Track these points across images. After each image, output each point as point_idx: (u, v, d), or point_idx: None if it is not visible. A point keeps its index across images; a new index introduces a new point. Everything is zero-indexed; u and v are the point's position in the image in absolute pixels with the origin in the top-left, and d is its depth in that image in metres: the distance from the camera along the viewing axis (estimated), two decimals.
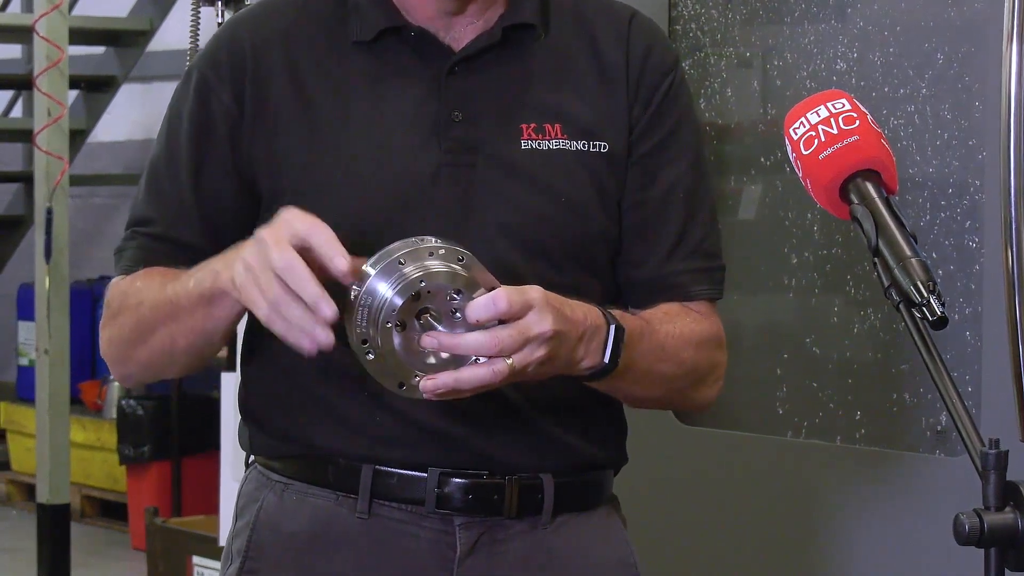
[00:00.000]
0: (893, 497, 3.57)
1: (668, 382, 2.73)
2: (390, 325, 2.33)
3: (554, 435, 2.71)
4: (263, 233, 2.35)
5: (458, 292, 2.34)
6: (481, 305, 2.32)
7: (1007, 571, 2.30)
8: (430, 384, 2.34)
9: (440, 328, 2.35)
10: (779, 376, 3.83)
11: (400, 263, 2.33)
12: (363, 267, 2.33)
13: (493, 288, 2.33)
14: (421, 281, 2.32)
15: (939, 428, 3.47)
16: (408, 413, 2.61)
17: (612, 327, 2.52)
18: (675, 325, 2.69)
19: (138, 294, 2.63)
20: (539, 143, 2.66)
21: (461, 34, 2.70)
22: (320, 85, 2.67)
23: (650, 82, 2.76)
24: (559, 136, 2.68)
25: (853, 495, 3.65)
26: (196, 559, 7.58)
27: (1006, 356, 3.25)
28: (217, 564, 7.45)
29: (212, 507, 7.23)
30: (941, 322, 2.40)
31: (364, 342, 2.33)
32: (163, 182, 2.71)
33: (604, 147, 2.68)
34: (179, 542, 8.00)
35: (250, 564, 2.71)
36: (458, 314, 2.34)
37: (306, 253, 2.31)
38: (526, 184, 2.66)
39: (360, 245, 2.41)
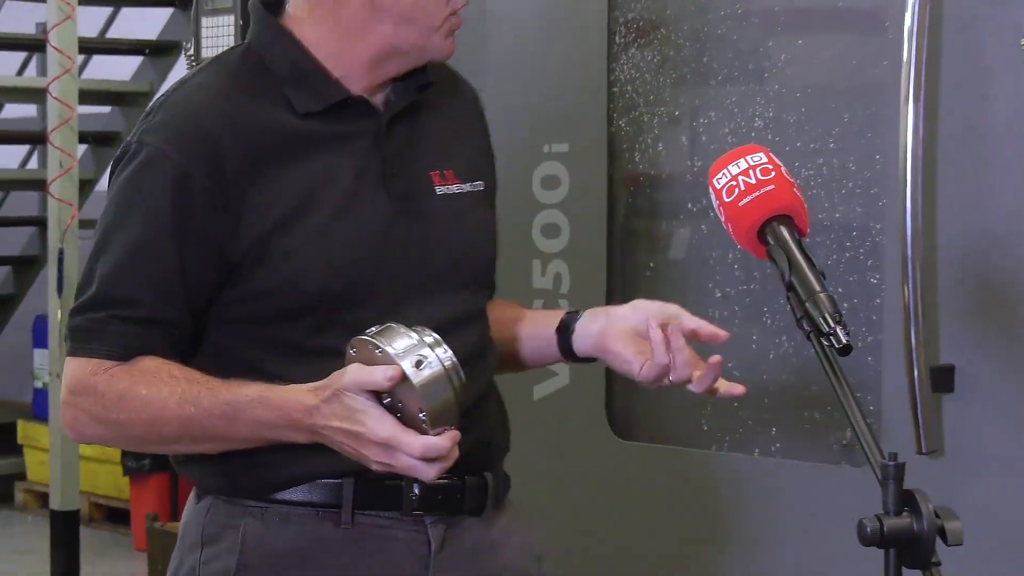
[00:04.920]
0: (804, 504, 3.58)
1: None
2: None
3: (490, 436, 2.74)
4: (363, 407, 2.40)
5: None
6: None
7: (904, 569, 2.32)
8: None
9: None
10: (705, 397, 3.83)
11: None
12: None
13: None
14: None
15: (844, 442, 3.47)
16: None
17: None
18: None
19: (149, 408, 2.53)
20: (447, 188, 2.71)
21: (379, 96, 2.72)
22: (281, 153, 2.62)
23: (484, 125, 2.88)
24: (455, 181, 2.73)
25: (769, 502, 3.65)
26: None
27: (903, 379, 3.26)
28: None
29: None
30: (846, 350, 2.42)
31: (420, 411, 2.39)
32: (147, 265, 2.58)
33: (481, 186, 2.76)
34: (173, 544, 7.98)
35: None
36: None
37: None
38: (449, 227, 2.72)
39: (341, 290, 2.55)
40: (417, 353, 2.38)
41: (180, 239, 2.56)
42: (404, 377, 2.36)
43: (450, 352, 2.40)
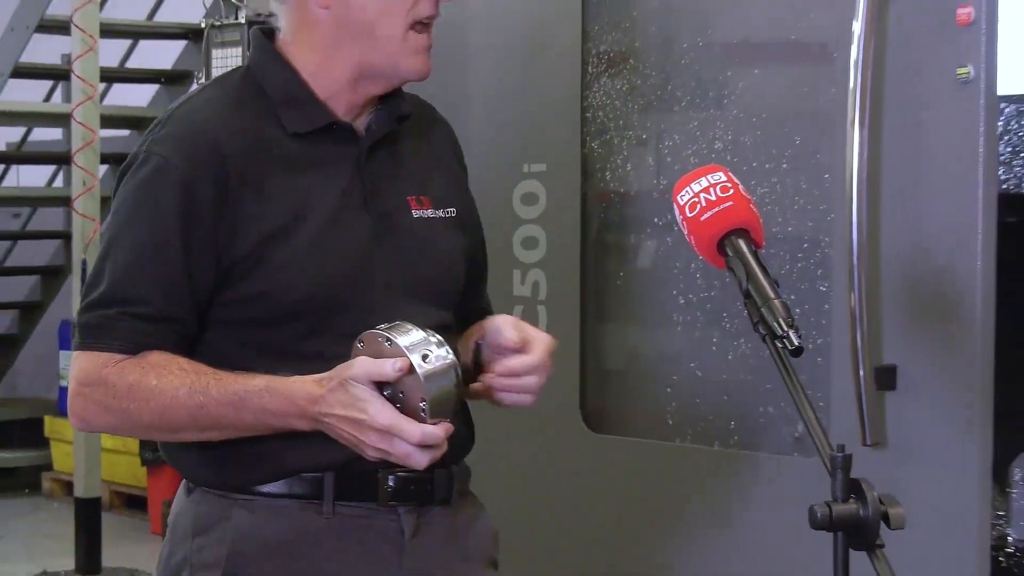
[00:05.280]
0: (760, 490, 3.57)
1: None
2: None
3: (456, 436, 2.66)
4: (366, 396, 2.41)
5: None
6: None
7: (851, 551, 2.31)
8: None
9: None
10: (669, 394, 3.83)
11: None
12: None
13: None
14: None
15: (796, 435, 3.47)
16: None
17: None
18: None
19: (160, 397, 2.51)
20: (422, 212, 2.71)
21: (361, 123, 2.71)
22: (275, 171, 2.61)
23: (460, 157, 2.88)
24: (429, 207, 2.72)
25: (728, 489, 3.64)
26: None
27: (850, 378, 3.26)
28: None
29: None
30: (798, 351, 2.41)
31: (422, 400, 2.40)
32: (154, 265, 2.56)
33: (453, 212, 2.75)
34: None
35: (232, 571, 2.63)
36: None
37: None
38: (424, 248, 2.71)
39: (327, 299, 2.54)
40: (424, 348, 2.39)
41: (186, 242, 2.55)
42: (411, 369, 2.38)
43: (451, 352, 2.42)
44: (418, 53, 2.64)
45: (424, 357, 2.39)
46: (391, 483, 2.63)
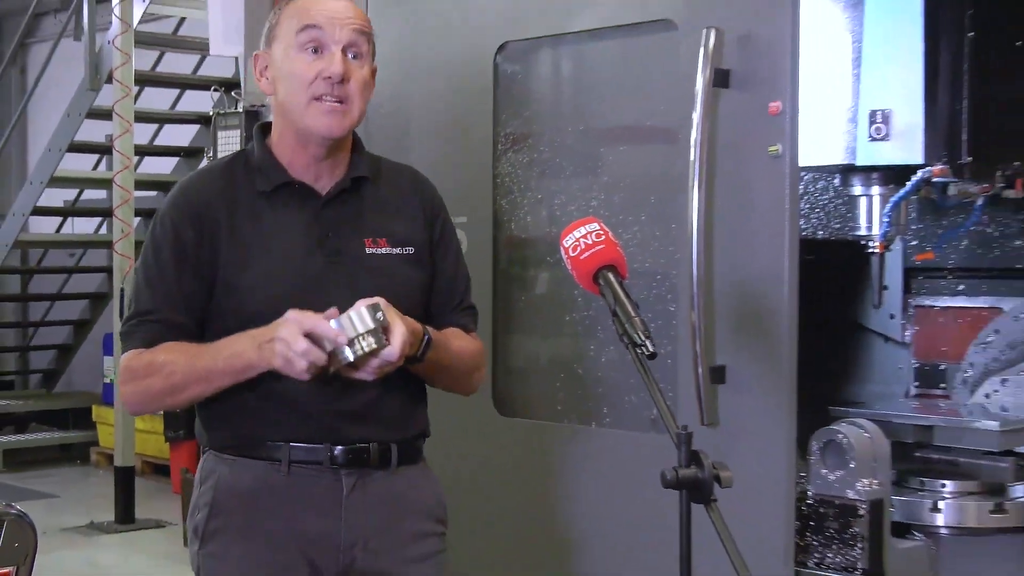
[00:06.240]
0: (626, 459, 3.56)
1: (458, 369, 2.80)
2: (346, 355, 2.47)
3: (396, 420, 2.74)
4: (283, 333, 2.46)
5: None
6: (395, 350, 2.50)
7: (692, 504, 2.30)
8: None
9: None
10: (559, 386, 3.82)
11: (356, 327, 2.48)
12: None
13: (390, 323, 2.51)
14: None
15: (652, 417, 3.46)
16: (312, 413, 2.65)
17: (427, 332, 2.65)
18: (461, 340, 2.80)
19: (168, 365, 2.61)
20: (376, 250, 2.72)
21: (325, 185, 2.72)
22: (245, 220, 2.68)
23: (433, 214, 2.85)
24: (386, 246, 2.72)
25: (603, 459, 3.64)
26: None
27: (691, 375, 3.26)
28: None
29: None
30: (652, 356, 2.42)
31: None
32: (158, 286, 2.66)
33: (411, 251, 2.74)
34: None
35: (215, 511, 2.69)
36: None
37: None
38: (374, 274, 2.69)
39: (279, 314, 2.53)
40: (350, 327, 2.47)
41: (179, 270, 2.65)
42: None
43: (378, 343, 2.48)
44: (322, 116, 2.64)
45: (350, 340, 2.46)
46: (334, 452, 2.66)
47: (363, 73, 2.66)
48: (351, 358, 2.47)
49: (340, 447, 2.65)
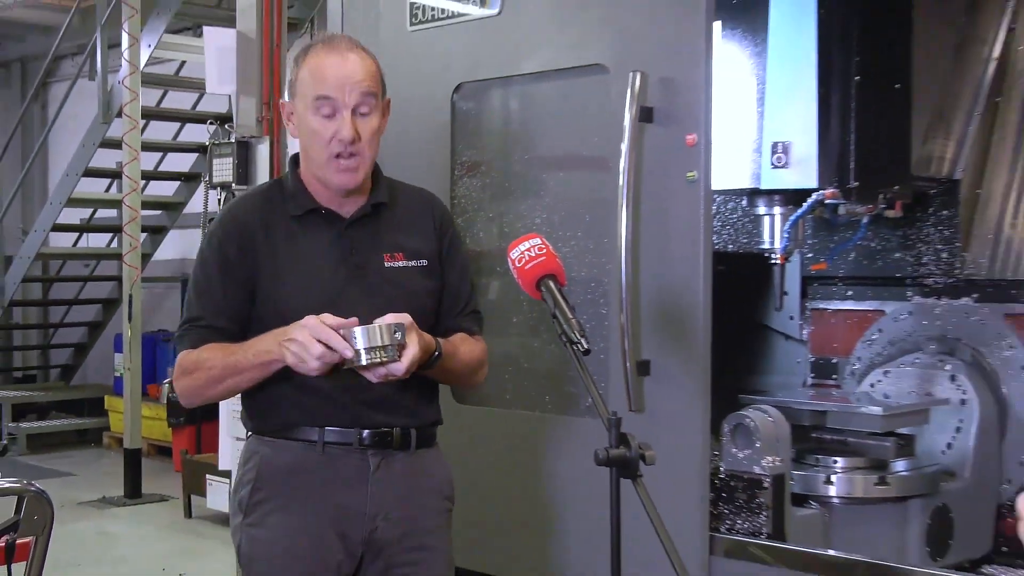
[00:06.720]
0: (566, 441, 3.56)
1: (463, 371, 2.77)
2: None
3: (415, 410, 2.72)
4: (296, 334, 2.45)
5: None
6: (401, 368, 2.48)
7: (621, 480, 2.30)
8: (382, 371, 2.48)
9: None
10: (507, 379, 3.81)
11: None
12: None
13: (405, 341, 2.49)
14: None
15: (588, 404, 3.46)
16: (343, 403, 2.64)
17: (439, 346, 2.63)
18: (467, 345, 2.76)
19: (208, 361, 2.59)
20: (394, 263, 2.69)
21: (349, 210, 2.71)
22: (280, 239, 2.67)
23: (443, 229, 2.81)
24: (402, 259, 2.70)
25: (549, 440, 3.62)
26: (208, 476, 7.42)
27: (620, 368, 3.26)
28: (218, 480, 7.30)
29: (215, 449, 7.05)
30: (587, 352, 2.41)
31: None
32: (205, 296, 2.65)
33: (424, 263, 2.70)
34: (199, 467, 7.81)
35: (258, 485, 2.68)
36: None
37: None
38: (391, 285, 2.67)
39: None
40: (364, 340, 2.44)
41: (223, 282, 2.64)
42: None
43: (388, 356, 2.45)
44: (338, 174, 2.66)
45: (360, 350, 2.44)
46: (363, 435, 2.65)
47: (372, 125, 2.64)
48: (364, 363, 2.44)
49: (367, 431, 2.65)
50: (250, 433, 2.76)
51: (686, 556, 2.86)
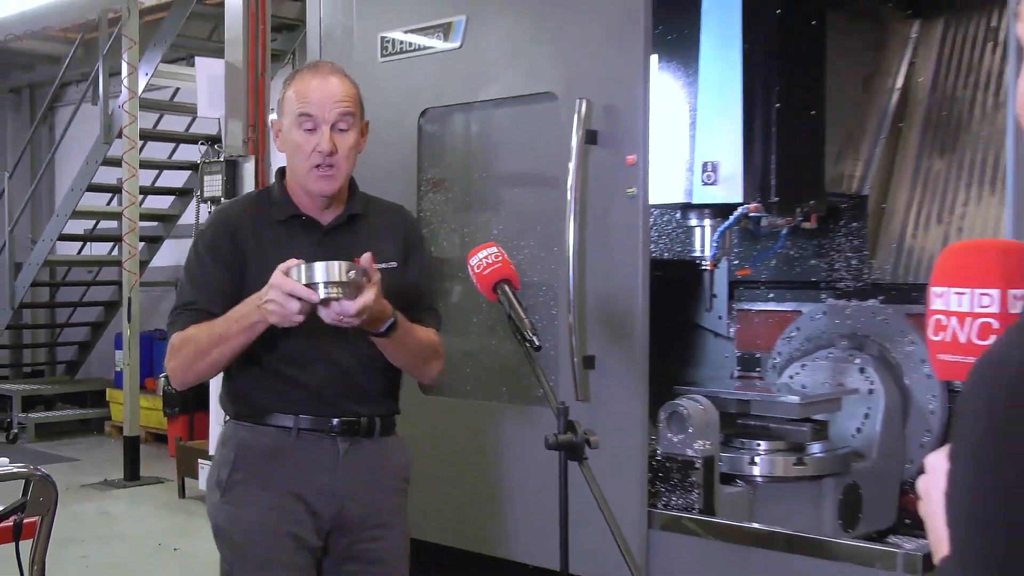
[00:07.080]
0: (521, 427, 3.55)
1: (417, 351, 2.72)
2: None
3: (380, 400, 2.71)
4: (272, 294, 2.41)
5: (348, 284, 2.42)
6: (352, 307, 2.43)
7: (569, 462, 2.30)
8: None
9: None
10: (468, 372, 3.80)
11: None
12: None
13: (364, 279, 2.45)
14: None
15: (540, 395, 3.45)
16: (316, 393, 2.63)
17: (395, 315, 2.60)
18: (423, 332, 2.74)
19: (195, 336, 2.55)
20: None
21: (327, 218, 2.70)
22: (267, 238, 2.65)
23: (410, 237, 2.82)
24: (374, 262, 2.63)
25: (505, 426, 3.62)
26: (200, 461, 7.35)
27: (568, 362, 3.26)
28: (209, 464, 7.24)
29: (206, 436, 7.00)
30: (538, 348, 2.41)
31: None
32: (199, 283, 2.62)
33: (394, 265, 2.66)
34: (191, 453, 7.75)
35: (237, 466, 2.65)
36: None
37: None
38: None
39: None
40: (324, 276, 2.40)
41: (215, 270, 2.61)
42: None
43: (344, 293, 2.40)
44: (317, 180, 2.64)
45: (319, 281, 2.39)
46: (334, 423, 2.63)
47: (349, 140, 2.63)
48: (322, 296, 2.39)
49: (337, 419, 2.63)
50: (228, 418, 2.73)
51: (627, 530, 2.87)
